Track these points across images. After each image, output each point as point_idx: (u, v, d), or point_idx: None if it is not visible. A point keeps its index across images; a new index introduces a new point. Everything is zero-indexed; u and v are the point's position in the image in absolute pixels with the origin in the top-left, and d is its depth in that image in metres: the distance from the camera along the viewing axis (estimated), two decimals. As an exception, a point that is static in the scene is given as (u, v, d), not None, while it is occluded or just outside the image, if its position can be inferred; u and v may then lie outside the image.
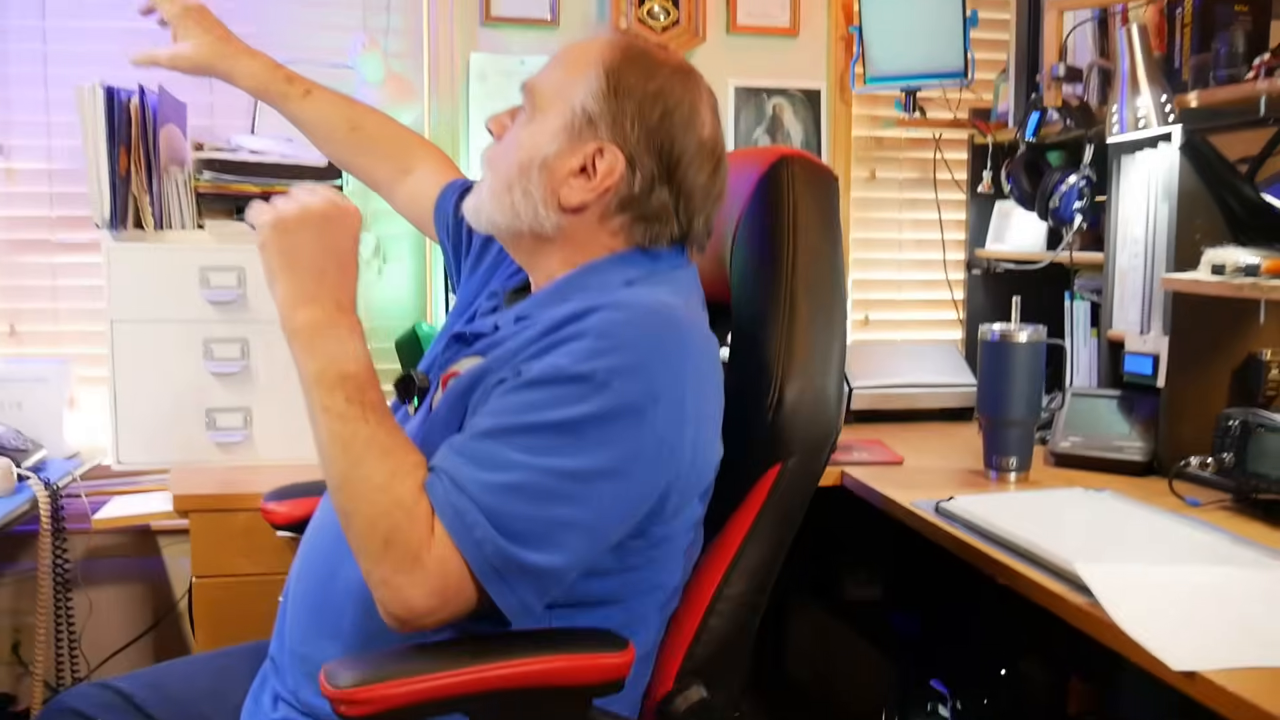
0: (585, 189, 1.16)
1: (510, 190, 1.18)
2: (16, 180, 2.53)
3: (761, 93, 2.78)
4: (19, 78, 2.51)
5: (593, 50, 1.20)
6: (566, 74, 1.19)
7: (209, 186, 2.18)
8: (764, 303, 1.26)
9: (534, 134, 1.18)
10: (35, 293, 2.54)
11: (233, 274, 2.13)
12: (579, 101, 1.16)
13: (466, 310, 1.39)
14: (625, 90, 1.16)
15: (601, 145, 1.15)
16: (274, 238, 1.07)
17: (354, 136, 1.62)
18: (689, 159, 1.17)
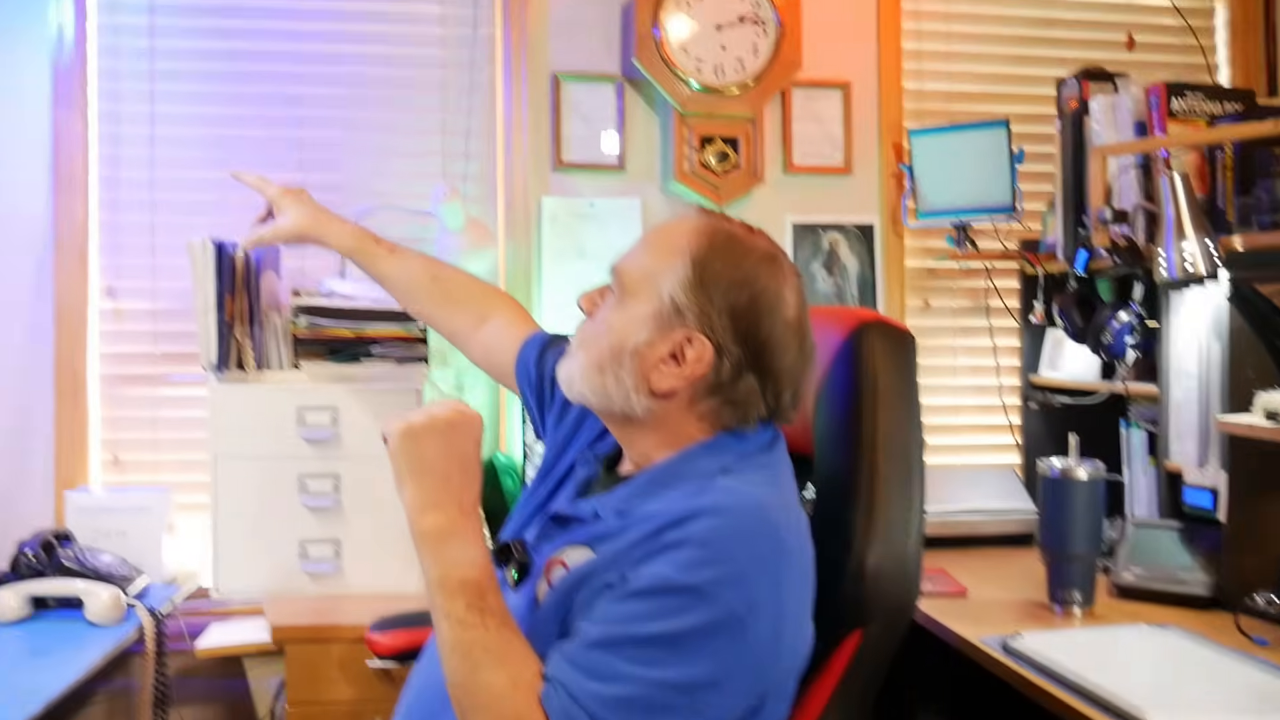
0: (675, 376, 1.20)
1: (602, 373, 1.23)
2: (124, 319, 2.71)
3: (818, 228, 2.91)
4: (129, 225, 2.71)
5: (680, 237, 1.25)
6: (655, 260, 1.24)
7: (305, 331, 2.33)
8: (846, 468, 1.32)
9: (624, 319, 1.24)
10: (137, 424, 2.70)
11: (327, 413, 2.26)
12: (667, 291, 1.21)
13: (553, 467, 1.45)
14: (712, 280, 1.20)
15: (690, 334, 1.20)
16: (404, 445, 1.16)
17: (434, 288, 1.75)
18: (775, 344, 1.21)
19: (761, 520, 1.12)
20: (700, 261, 1.21)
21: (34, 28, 2.65)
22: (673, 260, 1.22)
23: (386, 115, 2.78)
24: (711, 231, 1.25)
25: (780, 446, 1.28)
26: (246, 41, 2.75)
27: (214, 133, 2.72)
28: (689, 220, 1.28)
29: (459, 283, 1.78)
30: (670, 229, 1.28)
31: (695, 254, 1.22)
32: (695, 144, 2.75)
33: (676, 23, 2.71)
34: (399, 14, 2.79)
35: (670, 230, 1.28)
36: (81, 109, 2.67)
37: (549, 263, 2.76)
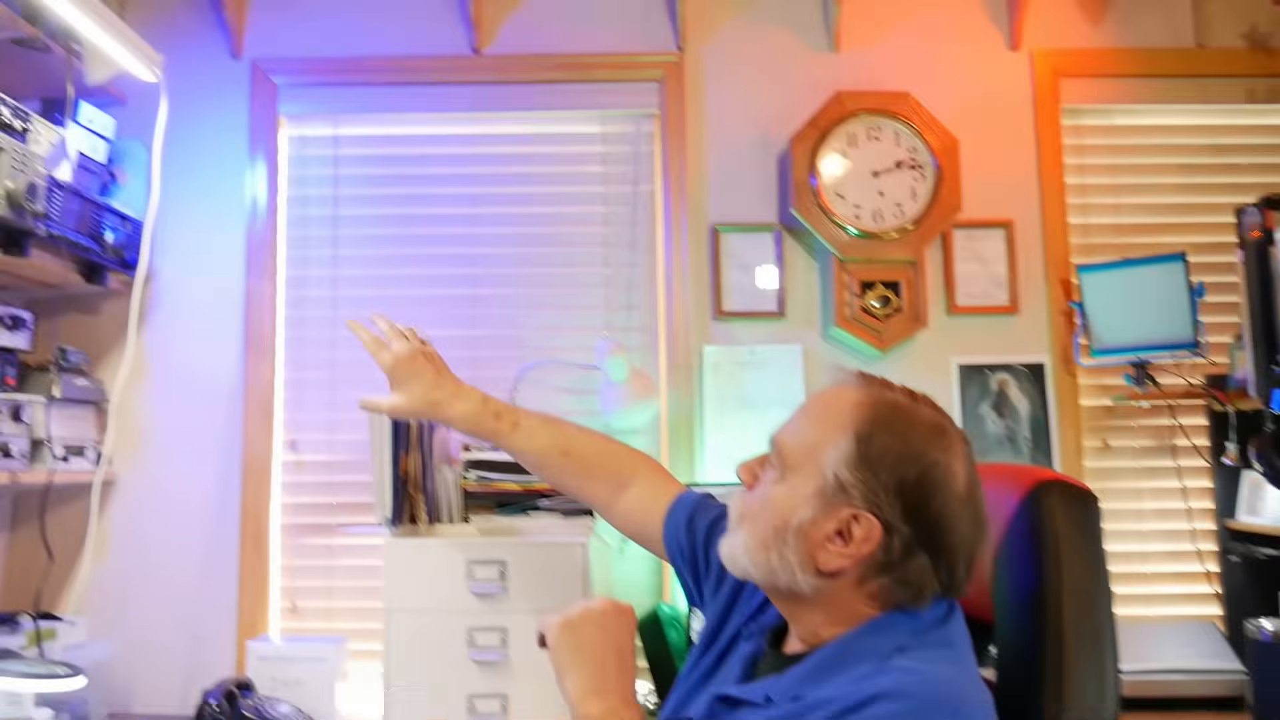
0: (842, 555, 1.17)
1: (766, 550, 1.21)
2: (304, 471, 2.83)
3: (985, 369, 2.84)
4: (311, 382, 2.86)
5: (842, 409, 1.21)
6: (816, 434, 1.21)
7: (475, 485, 2.38)
8: (1031, 636, 1.25)
9: (787, 496, 1.21)
10: (314, 572, 2.80)
11: (495, 568, 2.28)
12: (831, 467, 1.18)
13: (715, 638, 1.41)
14: (877, 456, 1.16)
15: (856, 512, 1.16)
16: (564, 636, 1.18)
17: (565, 461, 1.66)
18: (946, 520, 1.16)
19: (944, 701, 1.07)
20: (864, 436, 1.18)
21: (233, 201, 2.88)
22: (835, 434, 1.19)
23: (552, 271, 2.89)
24: (874, 403, 1.21)
25: (957, 619, 1.22)
26: (421, 207, 2.91)
27: (390, 293, 2.87)
28: (850, 391, 1.24)
29: (592, 452, 1.69)
30: (831, 400, 1.25)
31: (859, 428, 1.18)
32: (856, 289, 2.74)
33: (833, 171, 2.74)
34: (564, 175, 2.92)
35: (831, 401, 1.24)
36: (271, 275, 2.86)
37: (711, 411, 2.76)
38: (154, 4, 2.94)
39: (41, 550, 2.63)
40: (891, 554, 1.16)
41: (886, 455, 1.17)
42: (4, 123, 2.16)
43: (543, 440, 1.68)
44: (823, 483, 1.18)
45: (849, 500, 1.16)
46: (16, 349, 2.47)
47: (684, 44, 2.91)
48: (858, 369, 1.30)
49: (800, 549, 1.18)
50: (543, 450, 1.68)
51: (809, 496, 1.18)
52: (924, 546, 1.16)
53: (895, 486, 1.15)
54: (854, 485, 1.16)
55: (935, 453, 1.18)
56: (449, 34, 2.94)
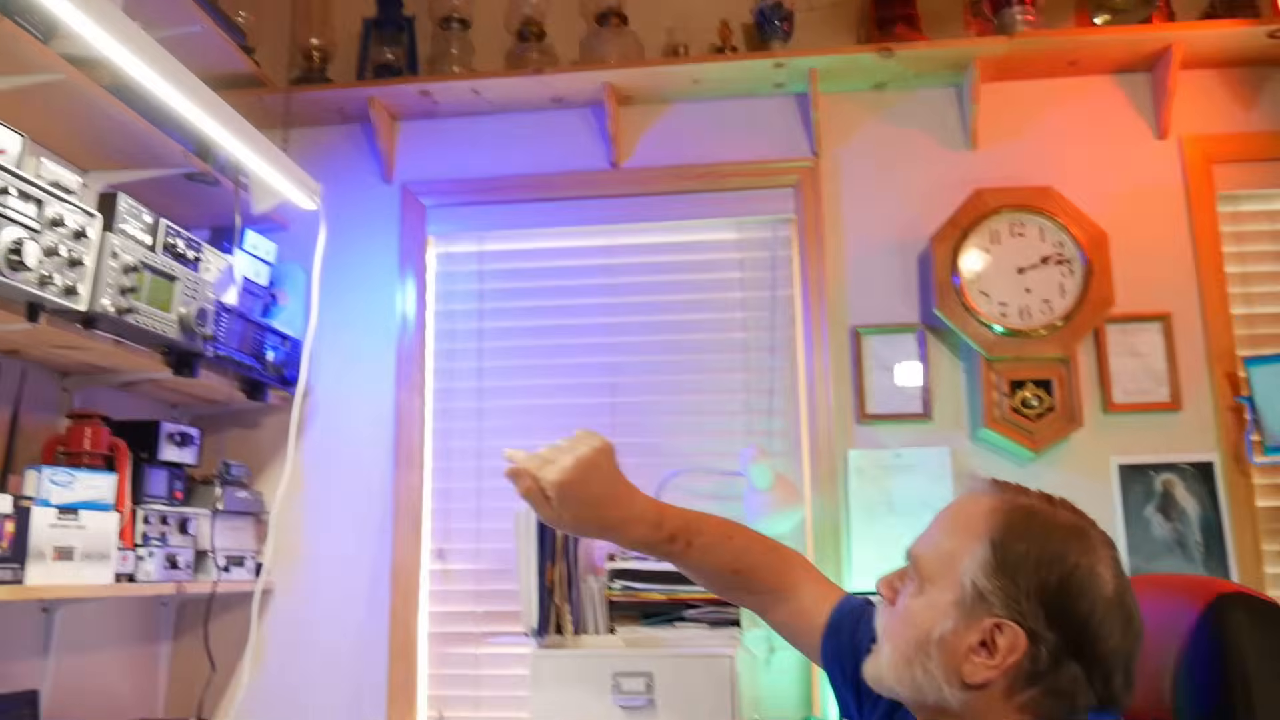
0: (987, 666, 1.12)
1: (910, 665, 1.17)
2: (450, 580, 2.87)
3: (1148, 470, 2.70)
4: (458, 493, 2.91)
5: (977, 517, 1.18)
6: (952, 543, 1.19)
7: (620, 594, 2.37)
8: None
9: (926, 608, 1.18)
10: (460, 681, 2.82)
11: (641, 680, 2.25)
12: (969, 576, 1.15)
13: None
14: (1016, 562, 1.13)
15: (999, 621, 1.12)
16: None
17: (736, 580, 1.57)
18: (1095, 626, 1.11)
19: None
20: (1001, 543, 1.15)
21: (384, 318, 2.99)
22: (971, 543, 1.16)
23: (693, 377, 2.90)
24: (1009, 509, 1.18)
25: None
26: (563, 318, 2.98)
27: (534, 403, 2.92)
28: (984, 498, 1.21)
29: (757, 563, 1.57)
30: (964, 508, 1.22)
31: (994, 535, 1.15)
32: (1005, 388, 2.67)
33: (976, 269, 2.70)
34: (702, 282, 2.95)
35: (964, 510, 1.22)
36: (420, 388, 2.95)
37: (857, 517, 2.70)
38: (313, 136, 3.12)
39: (204, 659, 2.72)
40: (1039, 663, 1.11)
41: (1025, 561, 1.13)
42: (178, 253, 2.30)
43: (714, 560, 1.55)
44: (961, 593, 1.15)
45: (990, 609, 1.13)
46: (185, 464, 2.59)
47: (819, 149, 2.93)
48: (990, 476, 1.27)
49: (944, 662, 1.15)
50: (714, 570, 1.56)
51: (948, 607, 1.15)
52: (1074, 654, 1.11)
53: (1037, 592, 1.12)
54: (993, 593, 1.13)
55: (1076, 555, 1.14)
56: (588, 151, 3.03)
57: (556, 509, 1.37)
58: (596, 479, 1.38)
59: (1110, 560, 1.16)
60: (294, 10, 3.02)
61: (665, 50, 3.04)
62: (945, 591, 1.16)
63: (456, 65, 3.04)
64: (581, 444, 1.39)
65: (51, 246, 1.83)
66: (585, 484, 1.36)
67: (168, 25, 2.56)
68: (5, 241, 1.72)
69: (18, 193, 1.75)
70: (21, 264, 1.74)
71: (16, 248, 1.73)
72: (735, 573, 1.54)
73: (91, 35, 1.91)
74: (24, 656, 2.31)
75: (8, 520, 1.91)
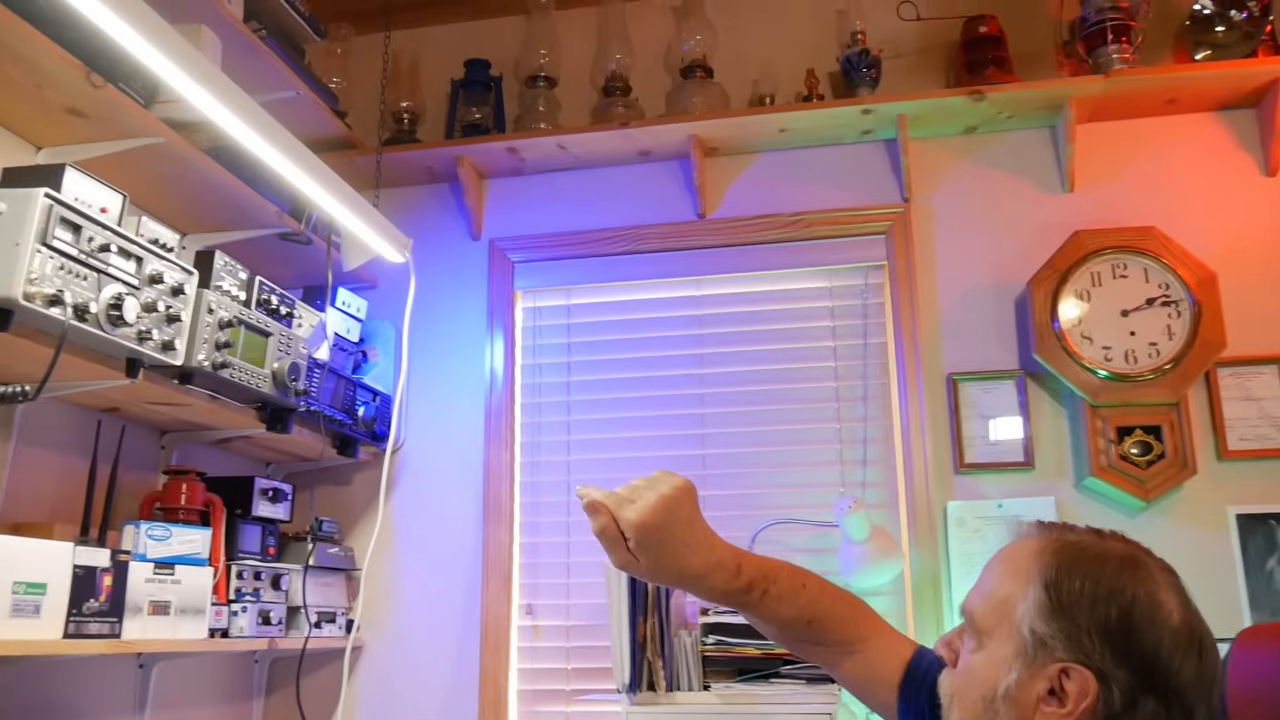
0: (1060, 716, 1.06)
1: None
2: (540, 636, 2.83)
3: (1269, 519, 2.56)
4: (546, 547, 2.88)
5: (1025, 561, 1.13)
6: (1003, 591, 1.14)
7: (714, 650, 2.30)
8: None
9: (987, 663, 1.13)
10: (551, 743, 2.76)
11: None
12: (1025, 623, 1.10)
13: None
14: (1072, 601, 1.08)
15: (1064, 665, 1.06)
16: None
17: (808, 630, 1.50)
18: (1166, 657, 1.05)
19: None
20: (1052, 583, 1.10)
21: (472, 373, 3.00)
22: (1022, 587, 1.12)
23: (784, 428, 2.84)
24: (1057, 547, 1.13)
25: None
26: (651, 369, 2.95)
27: (623, 456, 2.89)
28: (1029, 541, 1.17)
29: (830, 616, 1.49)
30: (1011, 554, 1.18)
31: (1045, 576, 1.11)
32: (1111, 435, 2.56)
33: (1077, 312, 2.61)
34: (792, 331, 2.90)
35: (1012, 556, 1.17)
36: (508, 443, 2.94)
37: (958, 570, 2.60)
38: (403, 196, 3.16)
39: (295, 716, 2.71)
40: (1114, 705, 1.05)
41: (1081, 598, 1.08)
42: (272, 309, 2.33)
43: (790, 612, 1.48)
44: (1021, 641, 1.10)
45: (1053, 654, 1.08)
46: (277, 520, 2.60)
47: (909, 194, 2.88)
48: (1036, 519, 1.22)
49: (1015, 717, 1.09)
50: (789, 622, 1.49)
51: (1009, 659, 1.10)
52: (1149, 690, 1.05)
53: (1098, 629, 1.06)
54: (1054, 637, 1.08)
55: (1134, 586, 1.08)
56: (674, 203, 3.02)
57: (634, 552, 1.28)
58: (677, 521, 1.30)
59: (1172, 587, 1.11)
60: (384, 74, 3.08)
61: (751, 101, 3.04)
62: (1004, 643, 1.12)
63: (543, 122, 3.07)
64: (662, 483, 1.31)
65: (150, 302, 1.86)
66: (666, 526, 1.28)
67: (266, 91, 2.63)
68: (106, 297, 1.75)
69: (118, 249, 1.79)
70: (121, 319, 1.77)
71: (117, 303, 1.77)
72: (808, 623, 1.46)
73: (198, 99, 1.96)
74: (120, 713, 2.33)
75: (106, 574, 1.93)
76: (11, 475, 2.05)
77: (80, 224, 1.71)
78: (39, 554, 1.79)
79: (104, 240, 1.76)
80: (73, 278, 1.69)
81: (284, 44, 2.71)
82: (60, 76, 1.90)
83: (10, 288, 1.57)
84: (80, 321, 1.69)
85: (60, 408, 2.18)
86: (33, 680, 2.08)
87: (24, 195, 1.62)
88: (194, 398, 2.15)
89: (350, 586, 2.84)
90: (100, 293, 1.75)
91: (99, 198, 1.84)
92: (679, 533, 1.30)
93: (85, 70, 1.91)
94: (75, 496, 2.16)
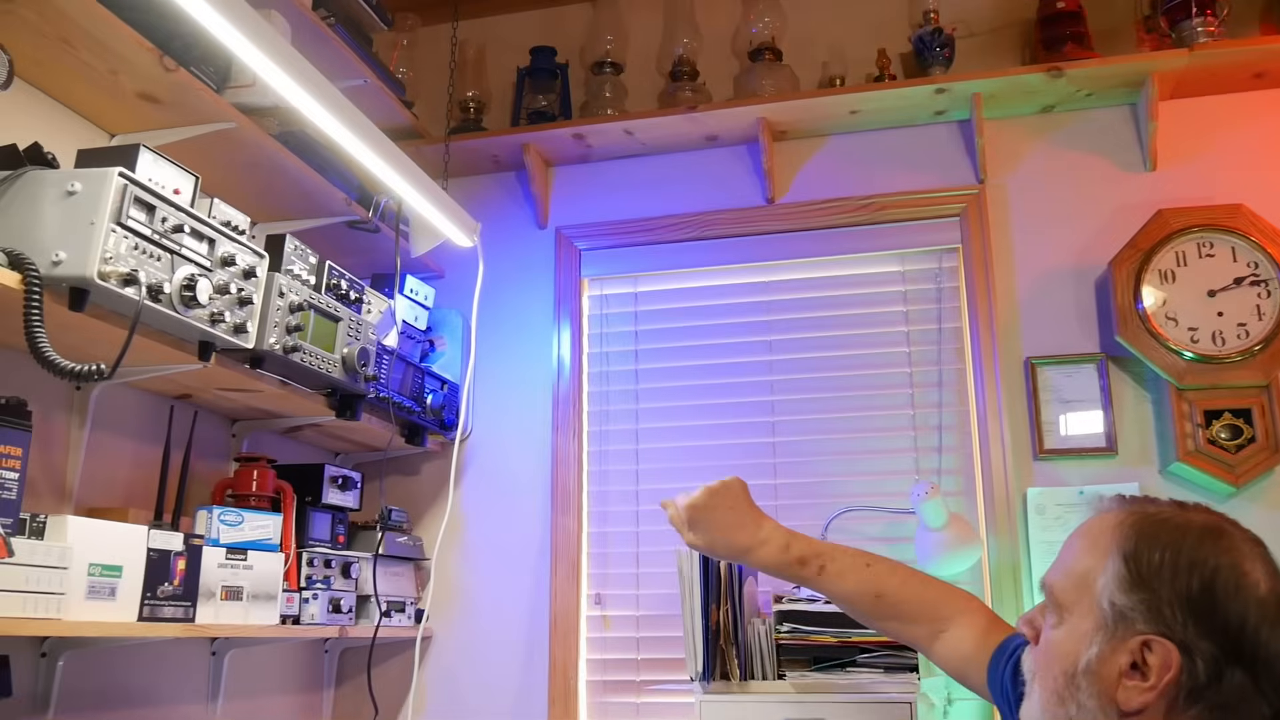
0: (1143, 690, 1.05)
1: (1063, 703, 1.10)
2: (611, 626, 2.80)
3: (1368, 506, 2.46)
4: (615, 537, 2.85)
5: (1103, 534, 1.13)
6: (1082, 565, 1.13)
7: (788, 638, 2.26)
8: None
9: (1067, 638, 1.12)
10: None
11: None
12: (1105, 596, 1.09)
13: None
14: (1152, 572, 1.07)
15: (1146, 638, 1.05)
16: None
17: (878, 605, 1.58)
18: (1252, 628, 1.03)
19: None
20: (1132, 554, 1.09)
21: (539, 362, 2.99)
22: (1101, 560, 1.11)
23: (857, 414, 2.78)
24: (1136, 519, 1.12)
25: None
26: (720, 356, 2.91)
27: (692, 444, 2.85)
28: (1109, 515, 1.16)
29: (905, 594, 1.58)
30: (1091, 529, 1.17)
31: (1124, 548, 1.10)
32: (1198, 419, 2.47)
33: (1162, 293, 2.52)
34: (865, 317, 2.84)
35: (1091, 530, 1.16)
36: (576, 431, 2.91)
37: (1038, 558, 2.52)
38: (469, 185, 3.16)
39: (364, 705, 2.71)
40: (1198, 678, 1.03)
41: (1162, 569, 1.07)
42: (341, 294, 2.33)
43: (853, 586, 1.60)
44: (1101, 615, 1.09)
45: (1133, 627, 1.06)
46: (347, 508, 2.60)
47: (984, 176, 2.81)
48: (1117, 494, 1.20)
49: (1097, 692, 1.08)
50: (853, 595, 1.61)
51: (1090, 633, 1.10)
52: (1235, 662, 1.02)
53: (1180, 600, 1.05)
54: (1134, 609, 1.07)
55: (1217, 556, 1.06)
56: (743, 188, 2.98)
57: (691, 530, 1.65)
58: (722, 504, 1.64)
59: (1259, 557, 1.09)
60: (452, 63, 3.08)
61: (821, 83, 2.99)
62: (1084, 617, 1.11)
63: (609, 109, 3.05)
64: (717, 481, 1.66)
65: (223, 284, 1.86)
66: (714, 509, 1.64)
67: (334, 79, 2.60)
68: (179, 278, 1.75)
69: (191, 231, 1.79)
70: (194, 300, 1.77)
71: (190, 284, 1.76)
72: (878, 597, 1.58)
73: (276, 81, 1.96)
74: (193, 699, 2.34)
75: (180, 558, 1.94)
76: (86, 461, 2.06)
77: (154, 204, 1.71)
78: (115, 536, 1.79)
79: (177, 221, 1.76)
80: (146, 258, 1.69)
81: (352, 32, 2.71)
82: (135, 61, 1.91)
83: (85, 267, 1.57)
84: (154, 302, 1.69)
85: (133, 394, 2.19)
86: (108, 665, 2.10)
87: (99, 175, 1.62)
88: (265, 383, 2.15)
89: (419, 576, 2.84)
90: (174, 274, 1.75)
91: (172, 180, 1.84)
92: (724, 514, 1.63)
93: (159, 54, 1.92)
94: (148, 483, 2.18)
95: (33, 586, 1.57)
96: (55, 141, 1.85)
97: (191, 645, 2.34)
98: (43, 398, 1.93)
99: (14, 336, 1.57)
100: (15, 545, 1.52)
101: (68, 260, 1.58)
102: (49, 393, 1.97)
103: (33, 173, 1.66)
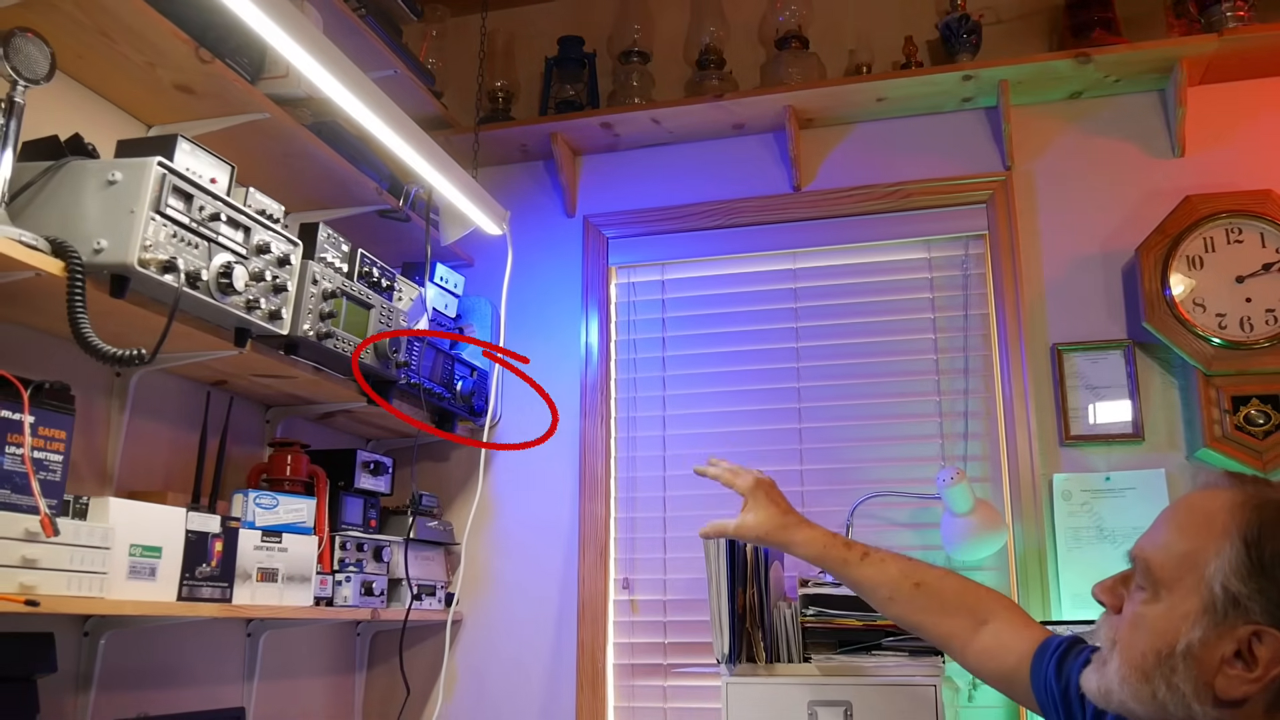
0: (1247, 680, 1.02)
1: (1150, 681, 1.07)
2: (638, 610, 2.83)
3: (1398, 494, 2.45)
4: (643, 522, 2.88)
5: (1219, 513, 1.08)
6: (1191, 543, 1.08)
7: (814, 621, 2.28)
8: None
9: (1164, 615, 1.08)
10: (649, 714, 2.76)
11: (839, 710, 2.16)
12: (1217, 579, 1.04)
13: None
14: (1274, 562, 1.03)
15: (1258, 628, 1.02)
16: None
17: (917, 594, 1.57)
18: None
19: None
20: (1254, 540, 1.04)
21: (568, 349, 3.01)
22: (1216, 542, 1.06)
23: (884, 401, 2.80)
24: (1259, 503, 1.07)
25: None
26: (748, 344, 2.93)
27: (718, 430, 2.87)
28: (1223, 493, 1.10)
29: (946, 588, 1.58)
30: (1202, 504, 1.11)
31: (1245, 532, 1.05)
32: (1226, 405, 2.47)
33: (1190, 279, 2.52)
34: (891, 304, 2.85)
35: (1202, 506, 1.11)
36: (604, 418, 2.94)
37: (1064, 544, 2.53)
38: (498, 175, 3.19)
39: (396, 688, 2.75)
40: None
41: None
42: (373, 281, 2.37)
43: (893, 573, 1.60)
44: (1209, 598, 1.05)
45: (1246, 616, 1.02)
46: (378, 493, 2.64)
47: (1011, 162, 2.81)
48: (1223, 470, 1.16)
49: (1193, 676, 1.04)
50: (893, 582, 1.60)
51: (1194, 615, 1.05)
52: None
53: None
54: (1250, 598, 1.03)
55: None
56: (769, 176, 2.99)
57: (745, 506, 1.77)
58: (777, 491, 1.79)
59: None
60: (481, 53, 3.11)
61: (847, 71, 2.99)
62: (1187, 597, 1.06)
63: (637, 98, 3.06)
64: None
65: (258, 272, 1.90)
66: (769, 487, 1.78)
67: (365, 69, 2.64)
68: (216, 265, 1.79)
69: (228, 219, 1.83)
70: (231, 287, 1.81)
71: (227, 271, 1.80)
72: (918, 586, 1.57)
73: (311, 71, 2.00)
74: (229, 679, 2.39)
75: (217, 540, 1.98)
76: (126, 445, 2.11)
77: (191, 193, 1.74)
78: (155, 518, 1.84)
79: (214, 209, 1.79)
80: (185, 245, 1.72)
81: (382, 23, 2.75)
82: (171, 52, 1.95)
83: (126, 254, 1.61)
84: (192, 289, 1.73)
85: (171, 380, 2.24)
86: (147, 644, 2.15)
87: (138, 164, 1.66)
88: (299, 369, 2.19)
89: (449, 560, 2.88)
90: (211, 261, 1.79)
91: (208, 169, 1.88)
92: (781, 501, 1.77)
93: (194, 46, 1.95)
94: (186, 467, 2.23)
95: (77, 566, 1.61)
96: (95, 133, 1.89)
97: (227, 626, 2.39)
98: (84, 383, 1.97)
99: (57, 322, 1.62)
100: (60, 525, 1.57)
101: (109, 248, 1.62)
102: (90, 378, 2.02)
103: (74, 163, 1.70)
